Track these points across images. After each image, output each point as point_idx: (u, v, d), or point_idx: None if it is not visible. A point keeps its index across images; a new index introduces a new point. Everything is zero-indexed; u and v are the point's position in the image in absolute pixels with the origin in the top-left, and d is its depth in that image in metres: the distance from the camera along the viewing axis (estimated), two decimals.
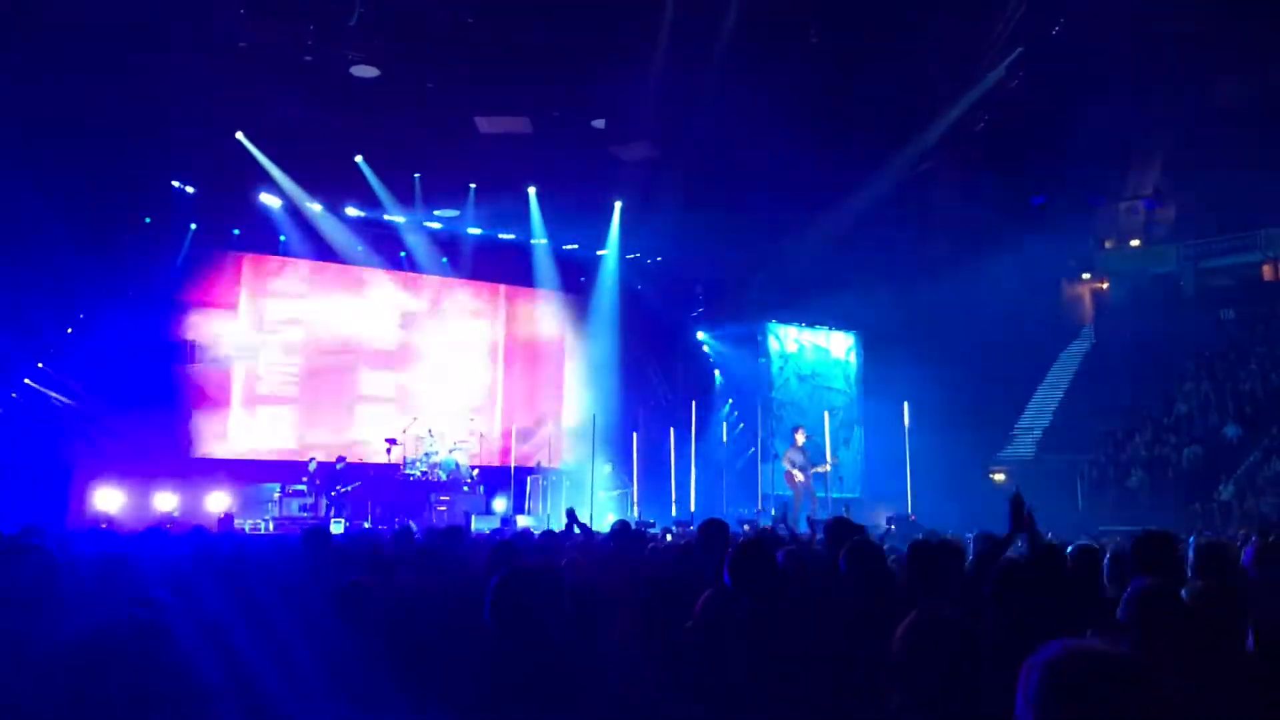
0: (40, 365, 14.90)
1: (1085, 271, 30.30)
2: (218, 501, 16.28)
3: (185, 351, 18.03)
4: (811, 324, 23.63)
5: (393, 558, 6.32)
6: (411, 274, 20.52)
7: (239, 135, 17.24)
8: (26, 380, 14.87)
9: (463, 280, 21.02)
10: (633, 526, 8.18)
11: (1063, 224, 25.48)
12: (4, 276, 13.92)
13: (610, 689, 2.85)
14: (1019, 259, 22.17)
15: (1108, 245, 30.64)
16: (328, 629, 3.19)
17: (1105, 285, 30.09)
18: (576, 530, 8.08)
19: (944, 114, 18.51)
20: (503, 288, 21.74)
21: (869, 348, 23.82)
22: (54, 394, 15.04)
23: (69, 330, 14.81)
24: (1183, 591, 3.75)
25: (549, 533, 8.03)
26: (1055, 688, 1.72)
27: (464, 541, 6.89)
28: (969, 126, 18.79)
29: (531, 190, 19.96)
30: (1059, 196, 23.30)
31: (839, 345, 24.06)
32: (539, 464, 19.38)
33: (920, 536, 6.75)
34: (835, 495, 18.74)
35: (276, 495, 16.88)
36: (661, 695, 3.35)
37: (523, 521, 16.28)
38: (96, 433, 14.89)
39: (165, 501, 15.85)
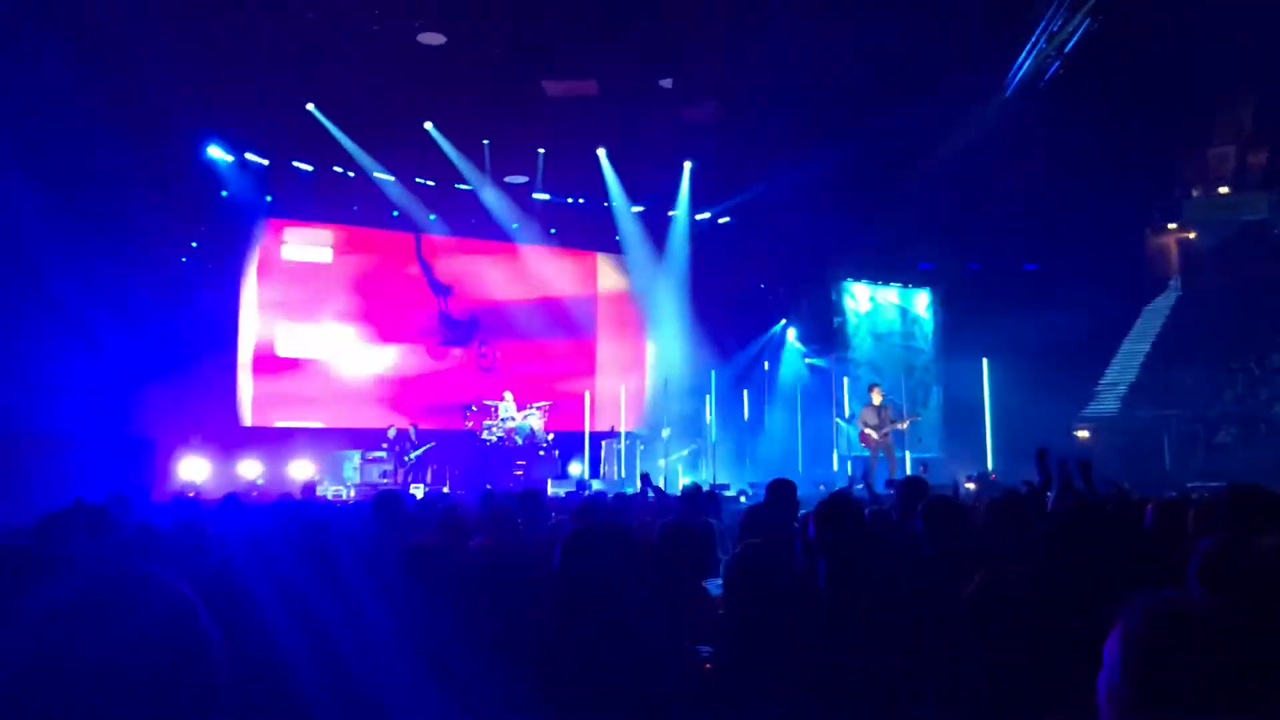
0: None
1: (1171, 221, 29.32)
2: (301, 469, 16.65)
3: (266, 321, 18.41)
4: (886, 281, 23.30)
5: (471, 520, 6.40)
6: (483, 240, 20.61)
7: (310, 106, 17.44)
8: None
9: (533, 245, 21.04)
10: (705, 489, 8.17)
11: (1147, 172, 24.68)
12: (98, 250, 14.13)
13: (672, 646, 2.85)
14: (1101, 209, 21.57)
15: (1195, 193, 29.58)
16: (398, 589, 3.24)
17: (1193, 235, 29.07)
18: (651, 494, 8.11)
19: (1023, 60, 18.01)
20: (573, 252, 21.77)
21: (946, 304, 23.43)
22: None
23: (153, 302, 15.12)
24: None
25: (621, 494, 8.06)
26: (1138, 643, 1.67)
27: (541, 504, 6.95)
28: (1048, 73, 18.24)
29: (601, 152, 19.92)
30: (1144, 143, 22.52)
31: (915, 302, 23.70)
32: (613, 428, 19.48)
33: (1000, 495, 6.63)
34: (914, 455, 18.56)
35: (358, 463, 17.19)
36: (732, 654, 3.34)
37: (595, 485, 16.41)
38: (181, 403, 15.25)
39: (250, 470, 16.23)
